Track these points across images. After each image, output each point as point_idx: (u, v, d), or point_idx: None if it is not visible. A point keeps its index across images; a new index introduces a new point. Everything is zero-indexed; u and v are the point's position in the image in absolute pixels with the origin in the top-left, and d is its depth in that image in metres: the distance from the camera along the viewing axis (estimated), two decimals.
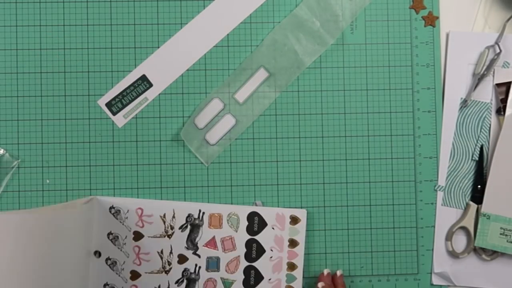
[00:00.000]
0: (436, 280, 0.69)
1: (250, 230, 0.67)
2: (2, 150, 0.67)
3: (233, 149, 0.69)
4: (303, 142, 0.69)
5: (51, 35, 0.68)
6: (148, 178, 0.68)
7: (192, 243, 0.67)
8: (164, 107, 0.68)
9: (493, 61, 0.68)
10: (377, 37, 0.70)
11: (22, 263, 0.49)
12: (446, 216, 0.69)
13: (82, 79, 0.68)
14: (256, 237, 0.67)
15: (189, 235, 0.67)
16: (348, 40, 0.70)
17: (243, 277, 0.67)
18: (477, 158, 0.69)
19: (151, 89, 0.68)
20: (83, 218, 0.62)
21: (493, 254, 0.69)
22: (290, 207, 0.69)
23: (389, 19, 0.70)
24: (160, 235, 0.67)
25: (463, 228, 0.69)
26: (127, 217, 0.66)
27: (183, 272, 0.67)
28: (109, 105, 0.68)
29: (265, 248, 0.67)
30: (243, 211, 0.68)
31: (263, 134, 0.69)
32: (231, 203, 0.68)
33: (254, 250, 0.67)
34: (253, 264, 0.67)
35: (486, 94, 0.70)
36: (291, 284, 0.67)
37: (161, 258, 0.66)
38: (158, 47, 0.68)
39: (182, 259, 0.67)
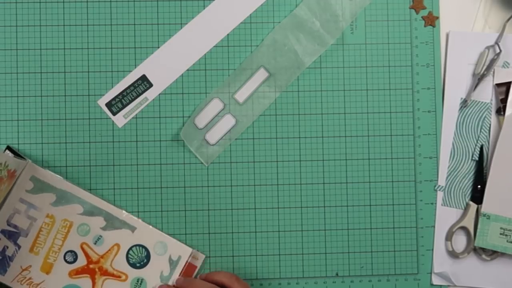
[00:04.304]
0: (436, 280, 0.69)
1: None
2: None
3: (233, 149, 0.69)
4: (303, 142, 0.69)
5: (51, 35, 0.68)
6: (148, 178, 0.68)
7: None
8: (164, 107, 0.68)
9: (493, 61, 0.68)
10: (377, 37, 0.70)
11: None
12: (446, 216, 0.69)
13: (82, 79, 0.68)
14: None
15: None
16: (348, 40, 0.70)
17: None
18: (477, 158, 0.69)
19: (151, 89, 0.68)
20: None
21: (493, 254, 0.69)
22: (290, 207, 0.69)
23: (389, 19, 0.70)
24: None
25: (463, 228, 0.69)
26: None
27: None
28: (109, 105, 0.68)
29: None
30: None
31: (263, 134, 0.69)
32: (231, 203, 0.68)
33: None
34: None
35: (486, 94, 0.70)
36: None
37: None
38: (158, 47, 0.68)
39: None
